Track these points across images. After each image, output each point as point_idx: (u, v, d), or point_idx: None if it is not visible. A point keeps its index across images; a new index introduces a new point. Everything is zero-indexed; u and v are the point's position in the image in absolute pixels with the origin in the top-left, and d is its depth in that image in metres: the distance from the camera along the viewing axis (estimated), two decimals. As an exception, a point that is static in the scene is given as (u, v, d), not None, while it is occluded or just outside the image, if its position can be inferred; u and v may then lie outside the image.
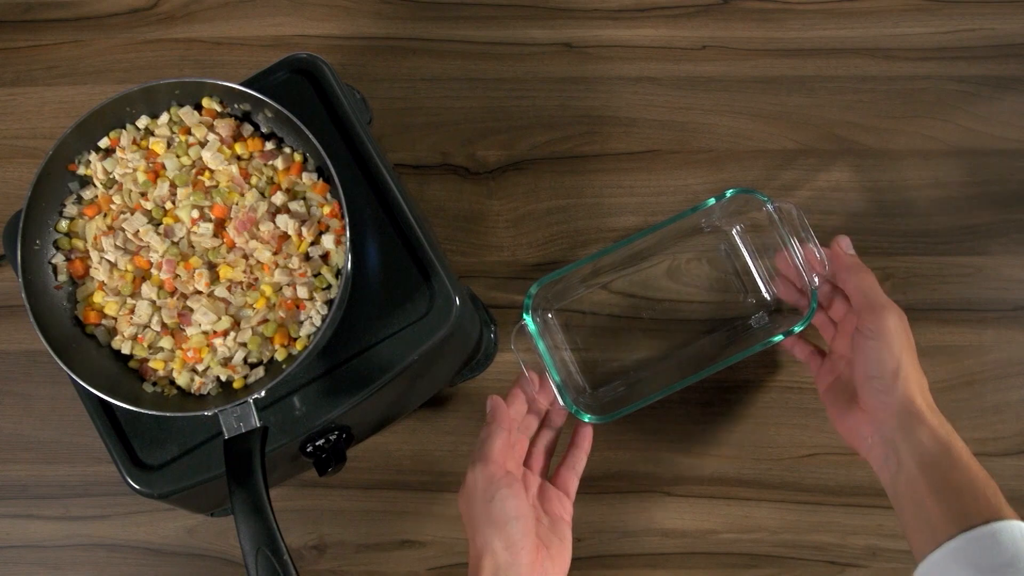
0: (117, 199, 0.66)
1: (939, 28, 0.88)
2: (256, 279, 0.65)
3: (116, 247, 0.65)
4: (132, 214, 0.65)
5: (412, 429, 0.84)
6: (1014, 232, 0.85)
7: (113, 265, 0.65)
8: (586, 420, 0.74)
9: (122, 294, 0.65)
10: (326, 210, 0.65)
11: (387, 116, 0.87)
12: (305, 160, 0.67)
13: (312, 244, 0.65)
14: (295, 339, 0.64)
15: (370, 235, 0.67)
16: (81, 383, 0.61)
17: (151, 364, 0.64)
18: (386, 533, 0.83)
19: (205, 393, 0.64)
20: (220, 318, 0.64)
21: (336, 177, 0.63)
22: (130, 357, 0.65)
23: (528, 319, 0.74)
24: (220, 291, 0.64)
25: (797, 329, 0.75)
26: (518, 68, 0.88)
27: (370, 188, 0.67)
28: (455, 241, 0.85)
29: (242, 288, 0.65)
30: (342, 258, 0.64)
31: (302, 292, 0.64)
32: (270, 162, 0.66)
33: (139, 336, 0.64)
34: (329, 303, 0.64)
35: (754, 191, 0.75)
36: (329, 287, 0.64)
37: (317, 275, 0.64)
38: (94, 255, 0.65)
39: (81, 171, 0.66)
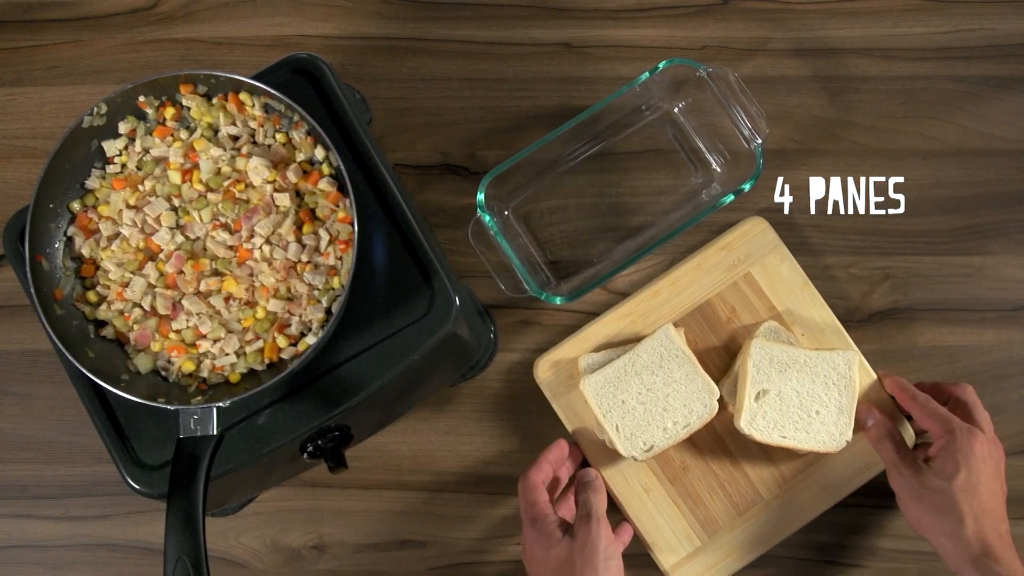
0: (148, 184, 0.66)
1: (939, 28, 0.88)
2: (255, 301, 0.65)
3: (134, 223, 0.65)
4: (156, 198, 0.66)
5: (412, 429, 0.84)
6: (1014, 232, 0.85)
7: (125, 239, 0.66)
8: (557, 302, 0.76)
9: (125, 268, 0.65)
10: (340, 214, 0.65)
11: (387, 116, 0.87)
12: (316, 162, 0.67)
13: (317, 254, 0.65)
14: (282, 353, 0.65)
15: (370, 235, 0.67)
16: (56, 342, 0.61)
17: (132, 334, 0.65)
18: (386, 533, 0.83)
19: (174, 382, 0.65)
20: (213, 325, 0.64)
21: (350, 187, 0.63)
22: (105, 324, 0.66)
23: (484, 215, 0.74)
24: (216, 300, 0.64)
25: (746, 187, 0.77)
26: (518, 68, 0.88)
27: (370, 188, 0.67)
28: (455, 241, 0.85)
29: (239, 304, 0.65)
30: (346, 276, 0.64)
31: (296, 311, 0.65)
32: (313, 186, 0.67)
33: (126, 314, 0.65)
34: (323, 325, 0.64)
35: (687, 60, 0.77)
36: (328, 313, 0.65)
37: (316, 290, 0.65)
38: (106, 225, 0.66)
39: (126, 130, 0.67)
